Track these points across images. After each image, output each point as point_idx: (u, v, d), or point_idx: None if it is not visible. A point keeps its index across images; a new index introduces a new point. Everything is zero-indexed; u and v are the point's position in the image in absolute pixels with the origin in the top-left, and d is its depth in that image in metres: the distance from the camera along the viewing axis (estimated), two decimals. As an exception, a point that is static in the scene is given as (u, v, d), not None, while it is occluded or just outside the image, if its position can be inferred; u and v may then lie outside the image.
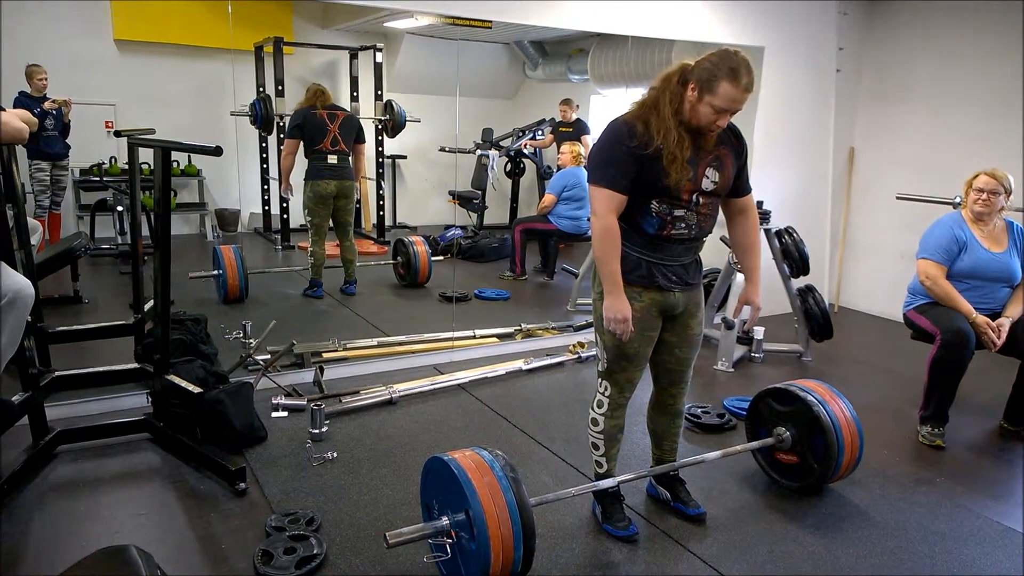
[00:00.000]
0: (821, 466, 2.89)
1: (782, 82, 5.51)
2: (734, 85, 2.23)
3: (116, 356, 3.58)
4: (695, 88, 2.28)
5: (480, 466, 2.19)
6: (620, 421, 2.69)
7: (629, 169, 2.35)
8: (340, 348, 4.42)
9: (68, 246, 4.53)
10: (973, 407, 3.98)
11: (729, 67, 2.23)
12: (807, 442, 2.93)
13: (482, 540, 2.07)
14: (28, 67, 5.70)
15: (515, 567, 2.14)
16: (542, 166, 8.11)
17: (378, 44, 7.11)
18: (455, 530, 2.19)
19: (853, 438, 2.89)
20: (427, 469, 2.36)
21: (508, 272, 6.59)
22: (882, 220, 5.98)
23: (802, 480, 2.99)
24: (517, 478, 2.20)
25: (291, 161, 5.47)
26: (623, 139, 2.34)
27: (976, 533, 2.82)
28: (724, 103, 2.25)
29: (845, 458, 2.88)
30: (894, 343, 4.98)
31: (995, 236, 3.65)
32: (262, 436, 3.32)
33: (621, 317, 2.39)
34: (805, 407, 2.93)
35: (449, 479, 2.19)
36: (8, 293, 2.44)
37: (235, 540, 2.57)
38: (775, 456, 3.06)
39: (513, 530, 2.10)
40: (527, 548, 2.14)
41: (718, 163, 2.44)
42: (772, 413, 3.06)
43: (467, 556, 2.16)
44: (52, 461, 3.07)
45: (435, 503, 2.31)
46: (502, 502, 2.11)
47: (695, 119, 2.32)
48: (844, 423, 2.88)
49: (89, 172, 6.45)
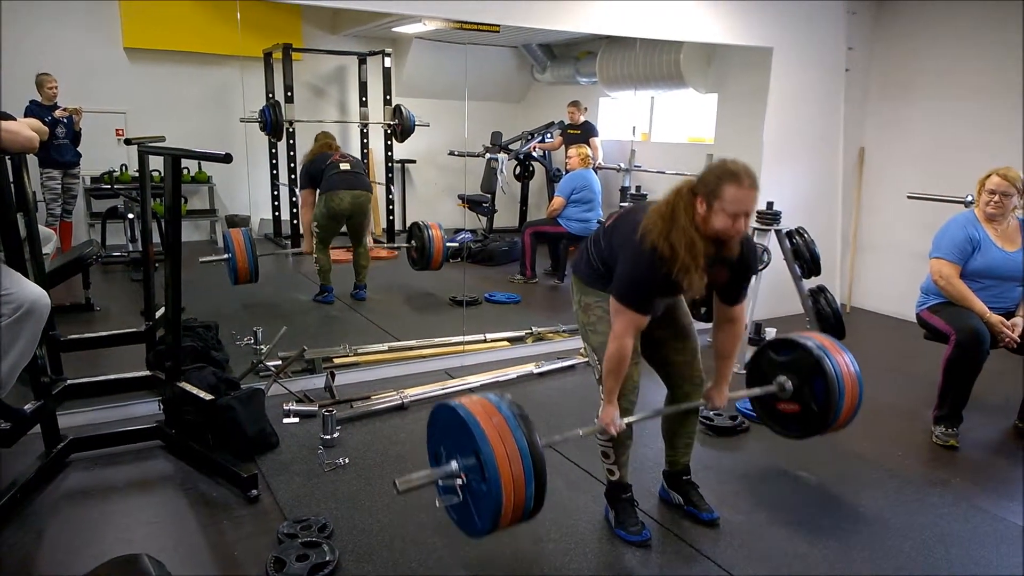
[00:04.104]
0: (821, 410, 2.83)
1: (791, 83, 5.49)
2: (738, 186, 2.27)
3: (128, 364, 3.60)
4: (703, 201, 2.33)
5: (487, 408, 2.16)
6: (628, 428, 2.67)
7: (655, 293, 2.46)
8: (351, 353, 4.42)
9: (79, 254, 4.54)
10: (987, 407, 3.95)
11: (729, 172, 2.29)
12: (808, 388, 2.87)
13: (493, 480, 2.03)
14: (38, 76, 5.73)
15: (527, 505, 2.11)
16: (551, 169, 8.10)
17: (387, 49, 7.11)
18: (465, 473, 2.15)
19: (853, 382, 2.84)
20: (433, 418, 2.31)
21: (518, 275, 6.58)
22: (893, 219, 5.95)
23: (804, 428, 2.92)
24: (525, 416, 2.17)
25: (310, 215, 5.52)
26: (653, 266, 2.36)
27: (993, 534, 2.80)
28: (734, 205, 2.28)
29: (846, 401, 2.81)
30: (907, 343, 4.95)
31: (1008, 235, 3.61)
32: (274, 442, 3.32)
33: (609, 421, 2.55)
34: (805, 352, 2.87)
35: (456, 424, 2.15)
36: (25, 303, 2.45)
37: (247, 547, 2.57)
38: (777, 408, 2.98)
39: (524, 468, 2.07)
40: (538, 485, 2.11)
41: (716, 284, 2.54)
42: (772, 365, 2.99)
43: (478, 498, 2.12)
44: (64, 469, 3.08)
45: (443, 451, 2.26)
46: (511, 441, 2.08)
47: (711, 230, 2.34)
48: (844, 366, 2.83)
49: (100, 180, 6.48)
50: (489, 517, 2.09)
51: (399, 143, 7.25)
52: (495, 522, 2.09)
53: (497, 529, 2.12)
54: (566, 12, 4.56)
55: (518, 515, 2.12)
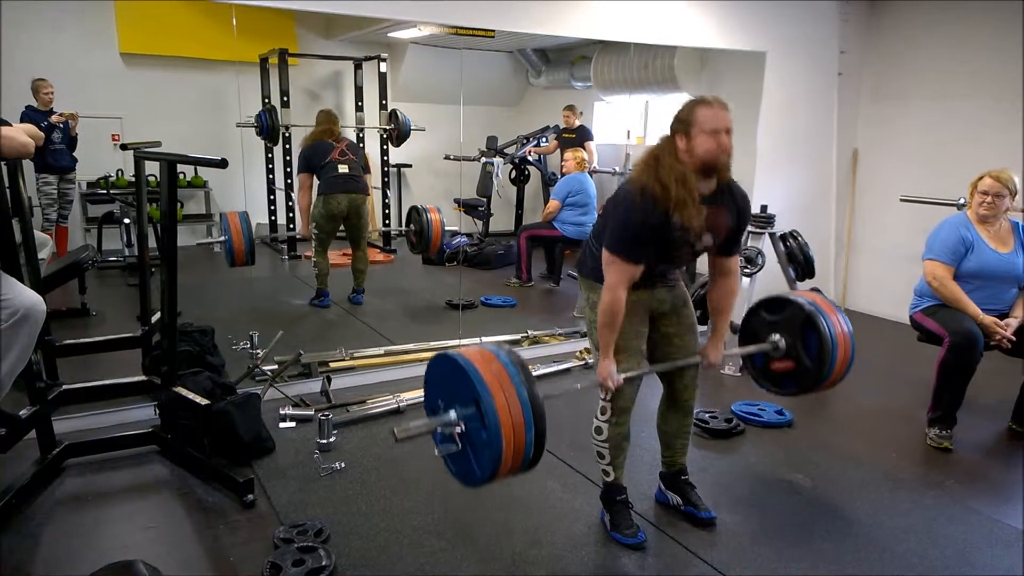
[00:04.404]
0: (816, 364, 2.82)
1: (785, 86, 5.51)
2: (708, 106, 2.38)
3: (123, 368, 3.58)
4: (682, 136, 2.40)
5: (486, 356, 2.14)
6: (624, 428, 2.69)
7: (646, 240, 2.43)
8: (347, 357, 4.42)
9: (75, 259, 4.55)
10: (981, 409, 3.96)
11: (697, 99, 2.41)
12: (801, 343, 2.87)
13: (492, 426, 2.01)
14: (34, 81, 5.75)
15: (527, 452, 2.09)
16: (546, 173, 8.12)
17: (382, 54, 7.14)
18: (464, 421, 2.13)
19: (846, 337, 2.84)
20: (431, 369, 2.30)
21: (514, 279, 6.60)
22: (887, 222, 5.97)
23: (800, 384, 2.91)
24: (524, 363, 2.15)
25: (308, 199, 5.51)
26: (645, 209, 2.39)
27: (987, 536, 2.80)
28: (710, 123, 2.36)
29: (839, 354, 2.81)
30: (901, 345, 4.96)
31: (1001, 236, 3.63)
32: (270, 447, 3.32)
33: (607, 375, 2.51)
34: (796, 308, 2.88)
35: (455, 372, 2.13)
36: (21, 309, 2.45)
37: (243, 552, 2.57)
38: (771, 368, 2.97)
39: (524, 414, 2.05)
40: (538, 431, 2.09)
41: (716, 228, 2.52)
42: (764, 325, 2.99)
43: (478, 446, 2.09)
44: (60, 475, 3.08)
45: (440, 402, 2.23)
46: (510, 387, 2.06)
47: (698, 158, 2.38)
48: (836, 323, 2.84)
49: (96, 185, 6.49)
50: (489, 464, 2.05)
51: (395, 147, 7.26)
52: (495, 469, 2.06)
53: (496, 477, 2.10)
54: (561, 17, 4.57)
55: (517, 463, 2.09)
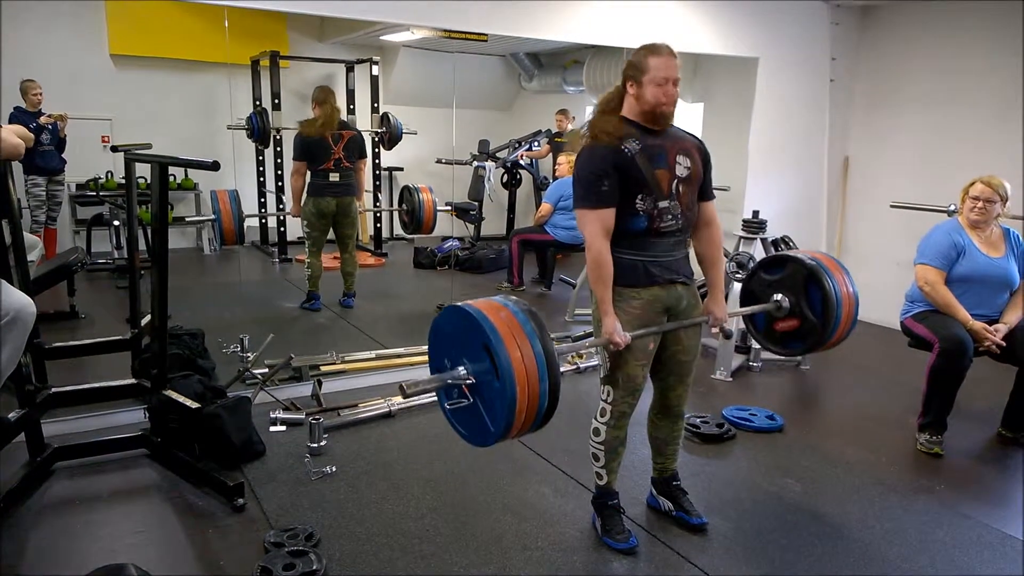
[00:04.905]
0: (821, 320, 2.82)
1: (776, 93, 5.54)
2: (657, 55, 2.45)
3: (113, 372, 3.57)
4: (632, 82, 2.48)
5: (493, 305, 2.12)
6: (622, 433, 2.68)
7: (612, 179, 2.43)
8: (338, 361, 4.41)
9: (64, 261, 4.52)
10: (971, 414, 3.98)
11: (647, 47, 2.48)
12: (804, 300, 2.86)
13: (505, 371, 1.96)
14: (23, 82, 5.72)
15: (541, 401, 2.06)
16: (538, 177, 8.13)
17: (374, 57, 7.13)
18: (475, 376, 2.09)
19: (848, 288, 2.84)
20: (436, 326, 2.26)
21: (506, 283, 6.59)
22: (878, 228, 6.00)
23: (805, 341, 2.91)
24: (531, 309, 2.13)
25: (301, 183, 5.48)
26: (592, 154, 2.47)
27: (977, 541, 2.82)
28: (659, 72, 2.42)
29: (844, 308, 2.80)
30: (891, 351, 4.99)
31: (992, 242, 3.65)
32: (260, 451, 3.30)
33: (611, 331, 2.46)
34: (797, 265, 2.87)
35: (463, 324, 2.09)
36: (10, 311, 2.43)
37: (234, 557, 2.56)
38: (775, 329, 2.96)
39: (536, 360, 2.02)
40: (552, 381, 2.06)
41: (686, 152, 2.56)
42: (765, 286, 2.97)
43: (491, 397, 2.05)
44: (49, 478, 3.05)
45: (447, 361, 2.19)
46: (521, 333, 2.03)
47: (647, 106, 2.46)
48: (837, 273, 2.84)
49: (85, 187, 6.45)
50: (503, 415, 2.01)
51: (387, 151, 7.26)
52: (509, 420, 2.01)
53: (510, 431, 2.05)
54: (554, 21, 4.58)
55: (532, 414, 2.06)
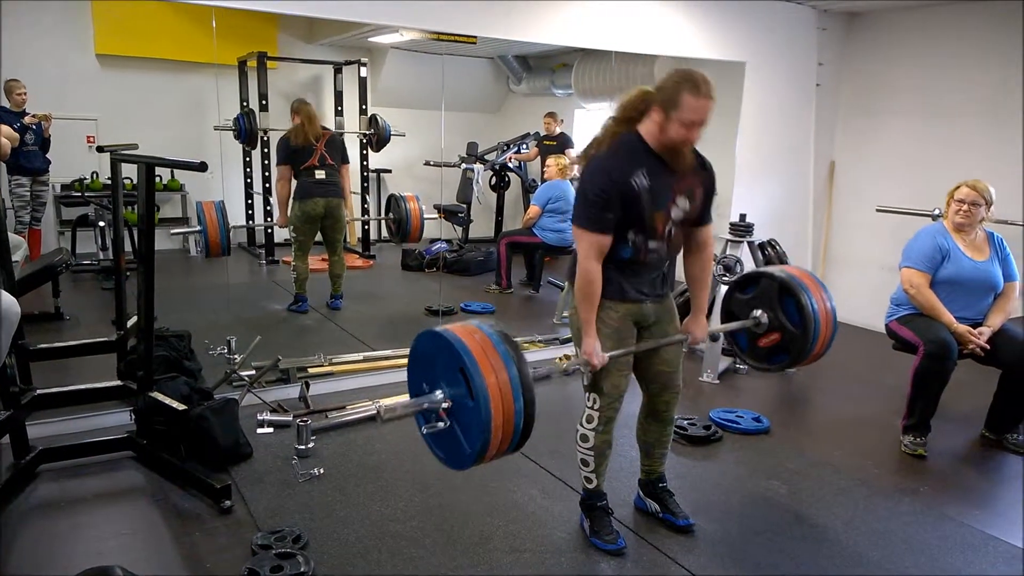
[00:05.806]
0: (801, 328, 2.83)
1: (763, 97, 5.57)
2: (696, 96, 2.31)
3: (98, 373, 3.55)
4: (660, 110, 2.38)
5: (468, 329, 2.15)
6: (609, 436, 2.69)
7: (616, 211, 2.41)
8: (326, 363, 4.40)
9: (49, 262, 4.49)
10: (955, 417, 4.02)
11: (689, 81, 2.33)
12: (782, 311, 2.87)
13: (480, 391, 2.00)
14: (7, 82, 5.67)
15: (517, 419, 2.08)
16: (527, 180, 8.14)
17: (363, 59, 7.12)
18: (452, 399, 2.12)
19: (821, 292, 2.85)
20: (414, 351, 2.28)
21: (494, 285, 6.59)
22: (863, 232, 6.04)
23: (791, 352, 2.91)
24: (505, 332, 2.16)
25: (287, 190, 5.46)
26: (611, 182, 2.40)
27: (960, 542, 2.84)
28: (691, 115, 2.33)
29: (820, 312, 2.81)
30: (876, 354, 5.02)
31: (977, 245, 3.68)
32: (247, 453, 3.29)
33: (591, 352, 2.47)
34: (767, 279, 2.90)
35: (438, 347, 2.13)
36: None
37: (221, 559, 2.55)
38: (758, 345, 2.97)
39: (510, 379, 2.05)
40: (527, 399, 2.08)
41: (690, 192, 2.53)
42: (741, 305, 3.00)
43: (466, 419, 2.09)
44: (34, 480, 3.03)
45: (425, 385, 2.23)
46: (494, 352, 2.07)
47: (666, 139, 2.40)
48: (808, 280, 2.86)
49: (70, 187, 6.41)
50: (478, 436, 2.04)
51: (375, 153, 7.25)
52: (485, 441, 2.04)
53: (486, 452, 2.08)
54: (543, 24, 4.59)
55: (508, 433, 2.08)
